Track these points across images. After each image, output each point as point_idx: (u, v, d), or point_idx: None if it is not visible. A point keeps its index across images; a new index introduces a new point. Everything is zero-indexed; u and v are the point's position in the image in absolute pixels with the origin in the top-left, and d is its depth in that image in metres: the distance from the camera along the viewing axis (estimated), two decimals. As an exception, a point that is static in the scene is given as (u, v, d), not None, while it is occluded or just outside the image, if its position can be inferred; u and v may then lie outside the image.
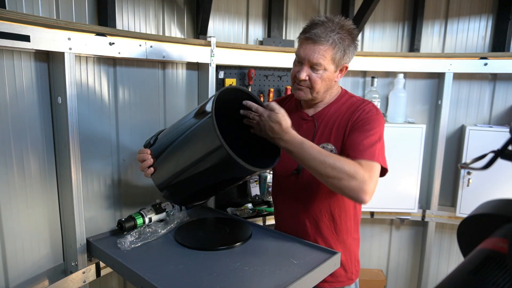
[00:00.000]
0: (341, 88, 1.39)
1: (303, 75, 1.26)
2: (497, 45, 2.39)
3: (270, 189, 2.07)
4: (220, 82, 2.02)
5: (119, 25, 1.69)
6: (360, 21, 2.16)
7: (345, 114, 1.30)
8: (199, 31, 1.93)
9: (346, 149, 1.24)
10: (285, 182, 1.40)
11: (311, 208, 1.34)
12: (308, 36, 1.24)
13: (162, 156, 1.28)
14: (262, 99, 2.13)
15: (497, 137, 2.21)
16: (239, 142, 1.26)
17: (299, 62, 1.28)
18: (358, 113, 1.27)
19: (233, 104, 1.23)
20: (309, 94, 1.30)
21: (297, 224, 1.38)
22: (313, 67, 1.25)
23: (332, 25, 1.23)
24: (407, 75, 2.38)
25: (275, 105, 1.16)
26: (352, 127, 1.26)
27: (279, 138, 1.16)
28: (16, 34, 1.15)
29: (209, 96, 1.86)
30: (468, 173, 2.28)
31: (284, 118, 1.15)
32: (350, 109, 1.30)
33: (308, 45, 1.24)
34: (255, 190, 2.13)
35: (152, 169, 1.29)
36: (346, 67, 1.32)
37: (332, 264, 1.24)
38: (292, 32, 2.35)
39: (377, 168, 1.19)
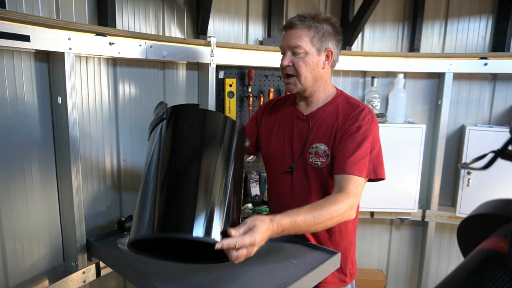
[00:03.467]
0: (336, 88, 1.39)
1: (286, 61, 1.28)
2: (497, 45, 2.38)
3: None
4: (220, 82, 2.02)
5: (119, 25, 1.69)
6: (360, 21, 2.16)
7: (340, 117, 1.29)
8: (199, 31, 1.93)
9: (336, 156, 1.25)
10: (279, 181, 1.40)
11: None
12: (284, 25, 1.32)
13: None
14: (262, 99, 2.13)
15: (497, 137, 2.21)
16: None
17: (282, 53, 1.33)
18: (353, 119, 1.26)
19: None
20: (298, 84, 1.30)
21: None
22: (294, 51, 1.28)
23: (306, 15, 1.29)
24: (407, 75, 2.38)
25: (246, 237, 0.93)
26: (345, 133, 1.26)
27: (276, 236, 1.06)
28: (16, 34, 1.15)
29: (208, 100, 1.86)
30: (468, 173, 2.28)
31: (262, 234, 0.96)
32: (345, 112, 1.29)
33: (285, 33, 1.31)
34: (255, 190, 2.13)
35: None
36: (331, 52, 1.31)
37: (332, 264, 1.24)
38: (292, 32, 2.34)
39: (363, 184, 1.23)
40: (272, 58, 2.03)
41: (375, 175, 1.25)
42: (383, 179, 1.28)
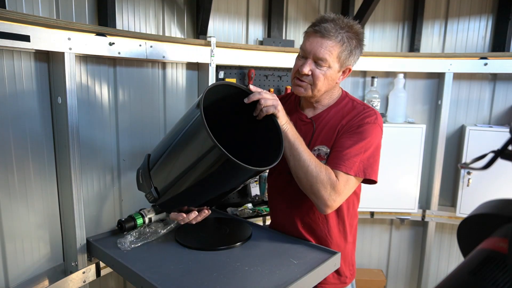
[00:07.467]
0: (342, 90, 1.37)
1: (306, 69, 1.21)
2: (497, 45, 2.39)
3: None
4: (220, 82, 2.02)
5: (119, 25, 1.69)
6: (360, 21, 2.15)
7: (345, 119, 1.27)
8: (199, 31, 1.93)
9: (332, 150, 1.24)
10: (280, 181, 1.39)
11: (304, 208, 1.32)
12: (317, 29, 1.20)
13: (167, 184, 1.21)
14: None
15: (497, 137, 2.21)
16: (235, 144, 1.21)
17: (303, 56, 1.25)
18: (355, 120, 1.24)
19: (223, 104, 1.19)
20: (310, 91, 1.26)
21: (290, 224, 1.37)
22: (318, 62, 1.21)
23: (342, 23, 1.20)
24: (407, 75, 2.38)
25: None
26: (346, 130, 1.24)
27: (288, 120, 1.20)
28: (16, 34, 1.15)
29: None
30: (468, 173, 2.28)
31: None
32: (349, 114, 1.27)
33: (316, 39, 1.20)
34: (255, 190, 2.13)
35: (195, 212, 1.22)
36: (350, 70, 1.28)
37: (332, 264, 1.24)
38: (292, 32, 2.35)
39: (352, 183, 1.20)
40: (272, 58, 2.03)
41: (364, 175, 1.20)
42: (374, 181, 1.23)
